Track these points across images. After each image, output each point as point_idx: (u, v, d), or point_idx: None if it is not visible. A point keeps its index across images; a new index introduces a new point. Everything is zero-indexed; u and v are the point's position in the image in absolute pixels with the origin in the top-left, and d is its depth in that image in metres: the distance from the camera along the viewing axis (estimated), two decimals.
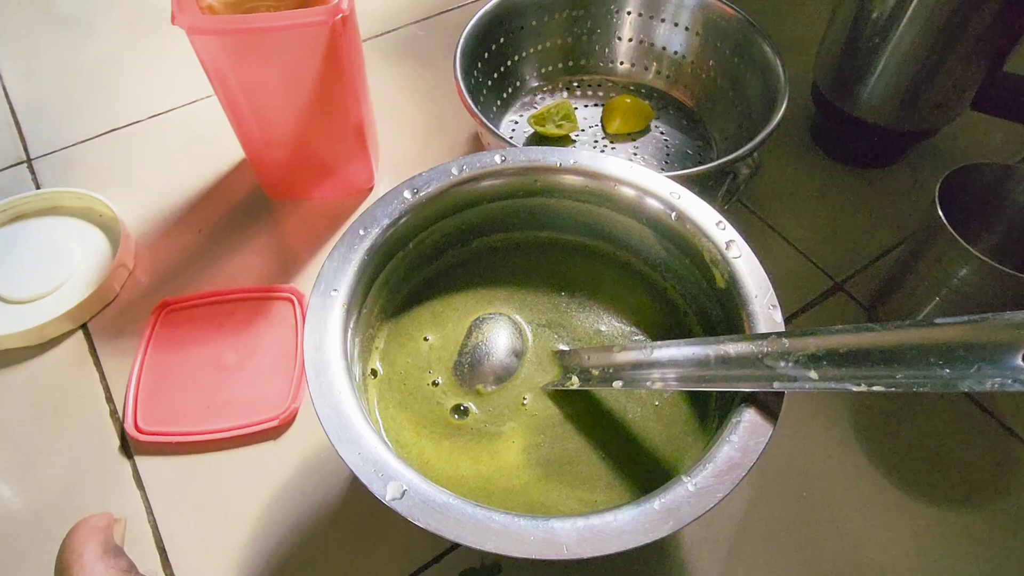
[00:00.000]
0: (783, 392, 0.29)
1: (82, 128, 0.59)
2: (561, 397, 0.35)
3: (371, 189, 0.54)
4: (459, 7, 0.69)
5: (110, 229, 0.51)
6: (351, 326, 0.33)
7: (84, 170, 0.56)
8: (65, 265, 0.48)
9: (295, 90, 0.45)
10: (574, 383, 0.35)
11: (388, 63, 0.64)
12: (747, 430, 0.28)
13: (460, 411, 0.35)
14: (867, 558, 0.37)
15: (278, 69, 0.43)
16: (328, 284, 0.32)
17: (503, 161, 0.37)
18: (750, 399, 0.29)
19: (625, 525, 0.25)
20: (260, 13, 0.42)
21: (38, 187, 0.54)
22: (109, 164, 0.56)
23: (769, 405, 0.29)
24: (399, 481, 0.26)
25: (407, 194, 0.36)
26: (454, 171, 0.37)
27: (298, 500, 0.39)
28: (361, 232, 0.34)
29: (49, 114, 0.60)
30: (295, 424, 0.42)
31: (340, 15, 0.40)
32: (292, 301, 0.47)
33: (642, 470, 0.33)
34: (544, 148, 0.38)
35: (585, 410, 0.35)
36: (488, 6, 0.52)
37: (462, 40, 0.50)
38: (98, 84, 0.63)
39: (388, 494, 0.26)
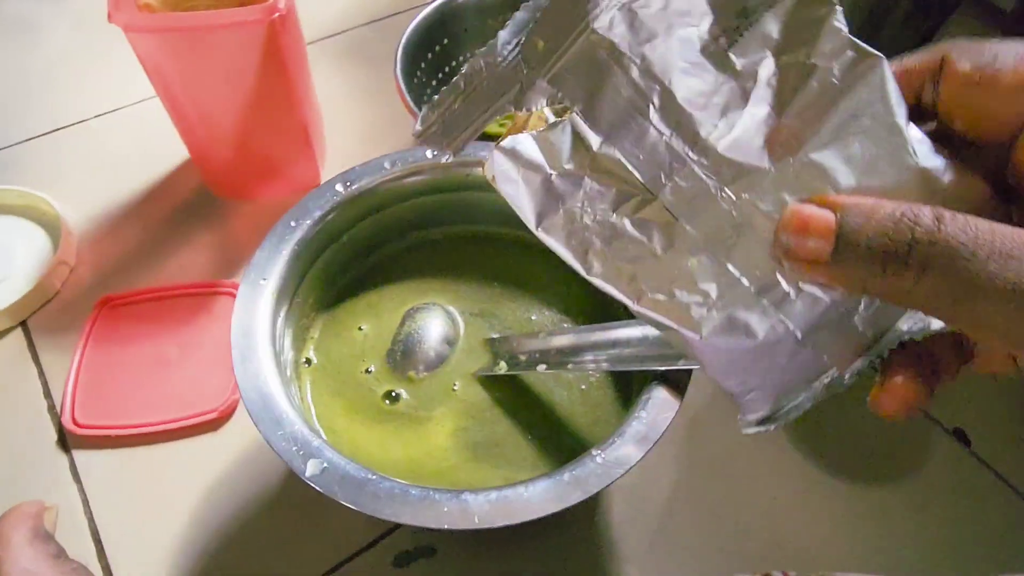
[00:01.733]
0: (691, 370, 0.30)
1: (27, 127, 0.59)
2: (491, 383, 0.37)
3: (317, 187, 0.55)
4: (410, 9, 0.70)
5: (52, 227, 0.51)
6: (282, 315, 0.34)
7: (27, 169, 0.56)
8: (5, 263, 0.48)
9: (236, 89, 0.45)
10: (503, 368, 0.36)
11: (337, 64, 0.65)
12: (656, 406, 0.30)
13: (392, 397, 0.36)
14: (790, 536, 0.39)
15: (217, 68, 0.44)
16: (258, 273, 0.33)
17: (434, 156, 0.38)
18: (661, 378, 0.31)
19: (535, 496, 0.27)
20: (197, 12, 0.43)
21: None
22: (53, 163, 0.56)
23: (679, 383, 0.30)
24: (319, 459, 0.27)
25: (339, 187, 0.37)
26: (386, 165, 0.38)
27: (236, 491, 0.40)
28: (292, 224, 0.35)
29: None
30: (234, 416, 0.42)
31: (277, 14, 0.41)
32: (235, 296, 0.47)
33: (567, 450, 0.35)
34: (476, 143, 0.39)
35: (514, 395, 0.36)
36: (428, 9, 0.53)
37: (403, 41, 0.52)
38: (43, 84, 0.62)
39: (308, 471, 0.27)
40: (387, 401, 0.36)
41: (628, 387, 0.36)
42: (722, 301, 0.23)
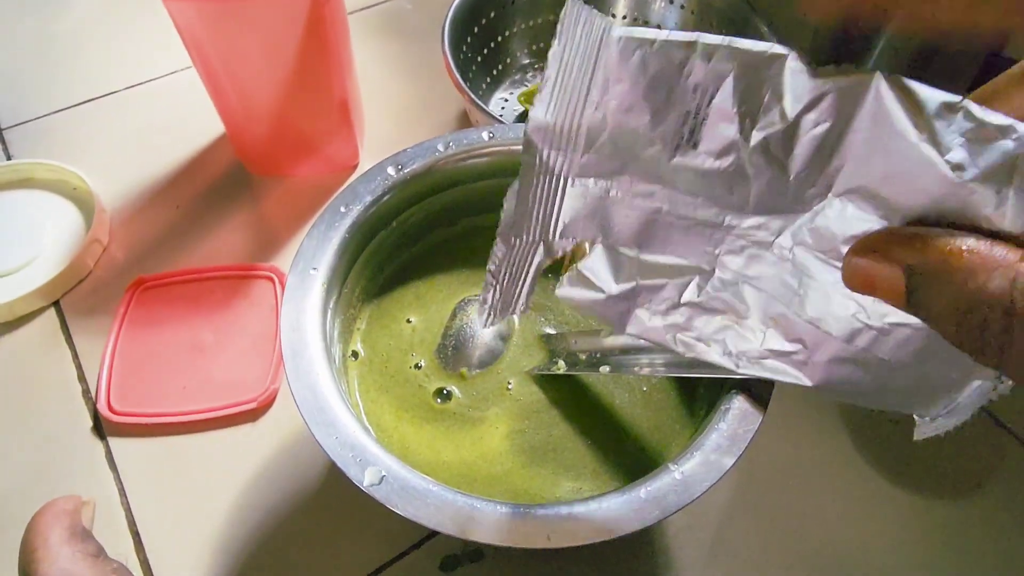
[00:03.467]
0: (774, 381, 0.28)
1: (56, 98, 0.57)
2: (547, 382, 0.35)
3: (355, 167, 0.52)
4: None
5: (84, 203, 0.49)
6: (331, 306, 0.32)
7: (58, 141, 0.54)
8: (36, 240, 0.47)
9: (276, 62, 0.43)
10: (560, 367, 0.34)
11: (374, 38, 0.62)
12: (736, 418, 0.27)
13: (443, 395, 0.34)
14: (851, 548, 0.37)
15: (258, 39, 0.42)
16: (307, 262, 0.31)
17: (491, 138, 0.36)
18: (740, 386, 0.28)
19: (609, 513, 0.25)
20: None
21: (9, 158, 0.52)
22: (84, 136, 0.54)
23: (759, 393, 0.28)
24: (377, 467, 0.25)
25: (391, 171, 0.34)
26: (440, 148, 0.35)
27: (276, 484, 0.38)
28: (342, 209, 0.33)
29: (22, 83, 0.58)
30: (274, 407, 0.41)
31: None
32: (272, 280, 0.45)
33: (629, 457, 0.33)
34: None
35: (571, 395, 0.34)
36: None
37: (451, 13, 0.49)
38: (73, 53, 0.60)
39: (366, 480, 0.25)
40: (438, 399, 0.34)
41: (692, 391, 0.34)
42: (819, 350, 0.23)
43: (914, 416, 0.22)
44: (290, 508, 0.37)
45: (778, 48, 0.18)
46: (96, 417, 0.40)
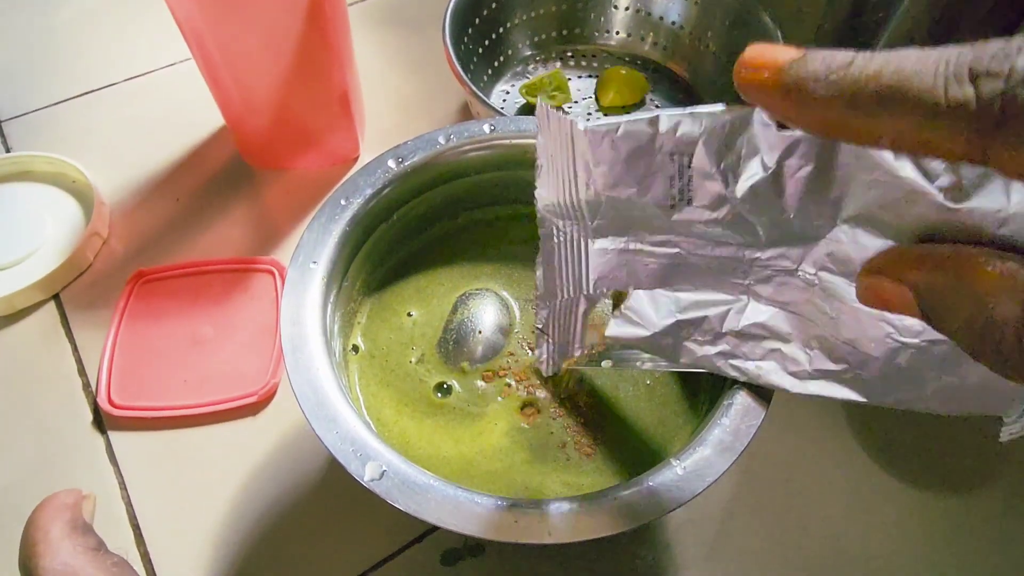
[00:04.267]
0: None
1: (55, 90, 0.56)
2: (549, 376, 0.34)
3: (356, 159, 0.52)
4: None
5: (83, 196, 0.49)
6: (331, 300, 0.32)
7: (57, 134, 0.54)
8: (36, 233, 0.46)
9: (276, 54, 0.43)
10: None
11: (375, 29, 0.62)
12: (739, 412, 0.27)
13: (443, 389, 0.34)
14: (853, 543, 0.37)
15: (258, 31, 0.41)
16: (307, 256, 0.31)
17: (492, 131, 0.35)
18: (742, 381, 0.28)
19: (611, 509, 0.25)
20: None
21: (8, 150, 0.52)
22: (83, 128, 0.54)
23: (762, 388, 0.28)
24: (378, 461, 0.25)
25: (391, 163, 0.34)
26: (441, 140, 0.35)
27: (277, 478, 0.38)
28: (343, 202, 0.33)
29: (21, 75, 0.58)
30: (274, 400, 0.40)
31: None
32: (272, 273, 0.45)
33: (632, 452, 0.32)
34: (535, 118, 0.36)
35: (574, 389, 0.34)
36: None
37: (451, 5, 0.48)
38: (72, 45, 0.60)
39: (366, 474, 0.25)
40: (438, 394, 0.34)
41: (695, 385, 0.34)
42: (865, 368, 0.23)
43: (1001, 417, 0.22)
44: (291, 502, 0.37)
45: (739, 110, 0.19)
46: (96, 411, 0.40)
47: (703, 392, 0.33)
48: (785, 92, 0.15)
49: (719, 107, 0.19)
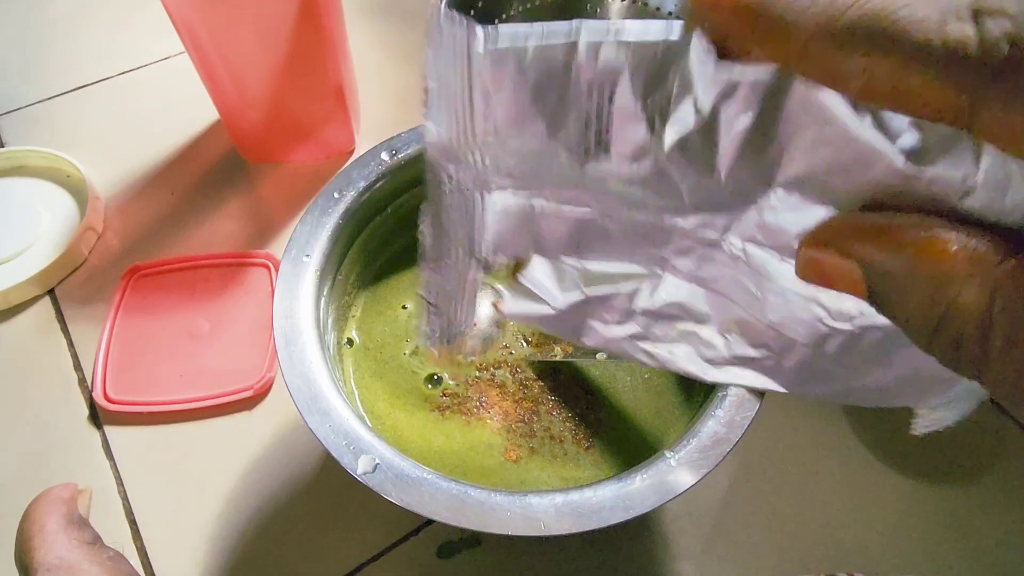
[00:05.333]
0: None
1: (49, 85, 0.56)
2: (544, 368, 0.34)
3: (351, 152, 0.52)
4: None
5: (78, 191, 0.49)
6: (325, 293, 0.32)
7: (51, 128, 0.53)
8: (31, 228, 0.46)
9: (270, 46, 0.43)
10: (557, 354, 0.34)
11: (369, 21, 0.61)
12: (733, 404, 0.27)
13: (434, 381, 0.34)
14: (851, 533, 0.37)
15: (251, 23, 0.41)
16: (300, 249, 0.31)
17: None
18: None
19: (605, 501, 0.25)
20: None
21: (2, 145, 0.52)
22: (77, 123, 0.54)
23: None
24: (371, 454, 0.25)
25: (385, 156, 0.34)
26: None
27: (273, 472, 0.38)
28: (336, 195, 0.33)
29: (14, 70, 0.57)
30: (270, 394, 0.40)
31: None
32: (268, 267, 0.45)
33: (631, 444, 0.32)
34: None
35: (571, 381, 0.34)
36: None
37: None
38: (66, 40, 0.60)
39: (359, 468, 0.25)
40: (429, 385, 0.34)
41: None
42: (787, 356, 0.20)
43: (913, 409, 0.21)
44: (287, 495, 0.37)
45: (676, 32, 0.16)
46: (92, 405, 0.40)
47: (698, 384, 0.33)
48: (748, 13, 0.13)
49: (653, 28, 0.16)
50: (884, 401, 0.21)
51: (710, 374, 0.22)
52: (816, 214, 0.16)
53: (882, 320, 0.17)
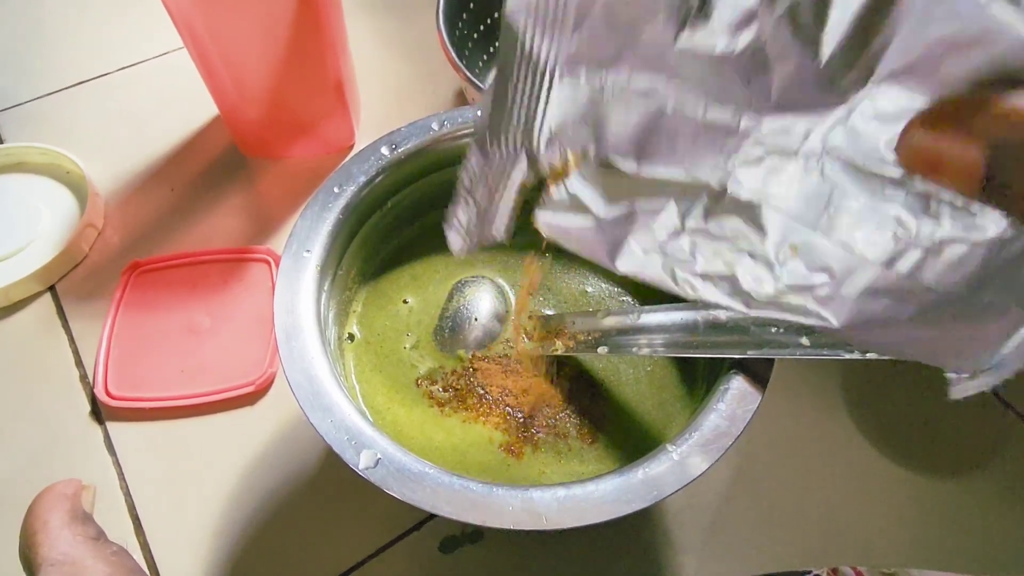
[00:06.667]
0: (773, 359, 0.28)
1: (48, 81, 0.56)
2: (547, 363, 0.34)
3: (351, 147, 0.52)
4: None
5: (78, 187, 0.48)
6: (326, 288, 0.32)
7: (50, 125, 0.53)
8: (31, 224, 0.46)
9: (269, 42, 0.42)
10: (558, 348, 0.34)
11: (368, 15, 0.61)
12: (735, 398, 0.27)
13: (433, 375, 0.34)
14: (853, 527, 0.37)
15: (250, 18, 0.41)
16: (301, 244, 0.31)
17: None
18: (739, 365, 0.28)
19: (606, 495, 0.25)
20: None
21: (1, 142, 0.52)
22: (76, 118, 0.54)
23: (758, 372, 0.28)
24: (373, 449, 0.25)
25: (385, 150, 0.34)
26: (434, 126, 0.35)
27: (275, 467, 0.38)
28: (336, 190, 0.33)
29: (13, 66, 0.57)
30: (272, 390, 0.40)
31: None
32: (268, 263, 0.45)
33: (634, 438, 0.32)
34: None
35: (573, 375, 0.34)
36: None
37: None
38: (65, 35, 0.60)
39: (361, 463, 0.25)
40: (427, 380, 0.34)
41: (692, 368, 0.34)
42: (849, 280, 0.19)
43: (947, 374, 0.19)
44: (289, 490, 0.37)
45: None
46: (94, 402, 0.40)
47: (700, 377, 0.33)
48: None
49: None
50: (935, 358, 0.19)
51: (753, 308, 0.21)
52: (915, 107, 0.15)
53: (967, 234, 0.16)
